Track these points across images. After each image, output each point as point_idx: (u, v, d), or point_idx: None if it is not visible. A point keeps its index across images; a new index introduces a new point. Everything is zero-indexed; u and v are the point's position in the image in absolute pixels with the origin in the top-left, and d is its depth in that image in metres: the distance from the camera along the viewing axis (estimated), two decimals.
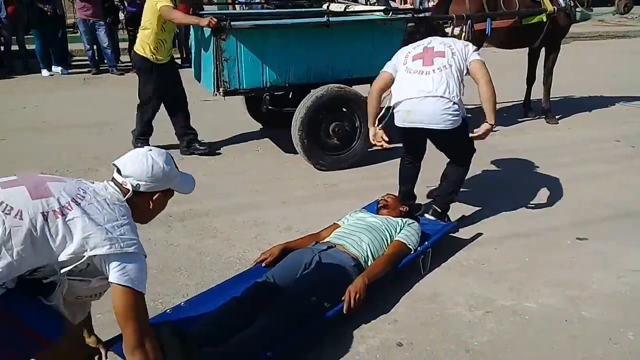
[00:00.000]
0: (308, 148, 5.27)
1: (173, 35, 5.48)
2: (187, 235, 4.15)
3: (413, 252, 3.51)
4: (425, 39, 4.12)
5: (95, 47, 10.43)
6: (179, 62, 9.98)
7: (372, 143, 4.27)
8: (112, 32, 10.58)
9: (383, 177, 5.10)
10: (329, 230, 3.66)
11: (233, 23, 4.85)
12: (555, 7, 6.48)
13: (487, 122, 3.89)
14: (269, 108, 5.36)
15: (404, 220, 3.68)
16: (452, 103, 3.80)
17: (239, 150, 6.03)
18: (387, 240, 3.50)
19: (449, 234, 4.00)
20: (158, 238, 4.04)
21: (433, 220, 4.06)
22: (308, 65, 5.23)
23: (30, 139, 6.38)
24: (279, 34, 5.08)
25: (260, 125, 6.64)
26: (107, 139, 6.35)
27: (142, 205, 2.28)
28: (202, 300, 3.09)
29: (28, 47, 10.32)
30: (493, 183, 5.07)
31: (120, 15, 11.20)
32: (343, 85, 5.29)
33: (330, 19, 5.18)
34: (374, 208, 4.05)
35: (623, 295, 3.41)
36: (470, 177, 4.55)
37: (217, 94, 5.15)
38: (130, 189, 2.22)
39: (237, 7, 10.49)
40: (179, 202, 4.55)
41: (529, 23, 6.39)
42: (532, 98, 7.43)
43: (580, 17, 7.02)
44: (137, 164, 2.23)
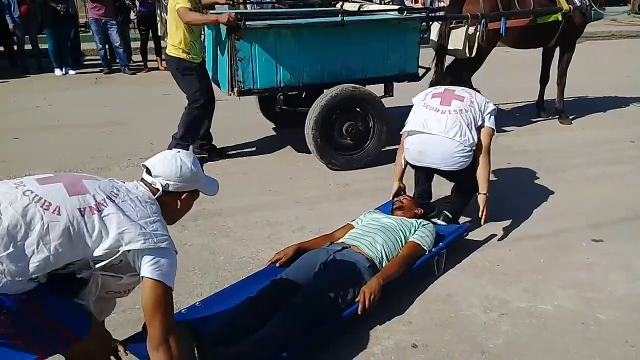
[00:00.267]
0: (321, 147, 5.27)
1: (202, 35, 5.30)
2: (200, 235, 4.16)
3: (427, 253, 3.50)
4: (447, 86, 4.23)
5: (107, 46, 10.47)
6: None
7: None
8: (123, 31, 10.62)
9: None
10: (343, 231, 3.66)
11: (248, 23, 4.85)
12: (571, 5, 6.43)
13: (481, 192, 3.92)
14: (283, 108, 5.36)
15: (419, 221, 3.67)
16: (463, 146, 3.86)
17: (252, 150, 6.04)
18: (401, 241, 3.49)
19: (463, 235, 3.98)
20: (172, 237, 4.03)
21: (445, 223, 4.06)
22: (322, 65, 5.22)
23: (44, 138, 6.42)
24: (294, 34, 5.07)
25: (273, 125, 6.64)
26: (119, 139, 6.38)
27: (170, 205, 2.34)
28: (216, 300, 3.09)
29: (41, 46, 10.38)
30: (507, 184, 5.04)
31: (131, 15, 11.23)
32: (357, 85, 5.27)
33: (345, 19, 5.17)
34: (388, 208, 4.05)
35: (639, 298, 3.39)
36: None
37: (231, 94, 5.16)
38: (160, 189, 2.28)
39: (248, 6, 10.51)
40: None
41: (544, 22, 6.35)
42: (545, 98, 7.37)
43: (593, 16, 6.96)
44: (166, 165, 2.31)
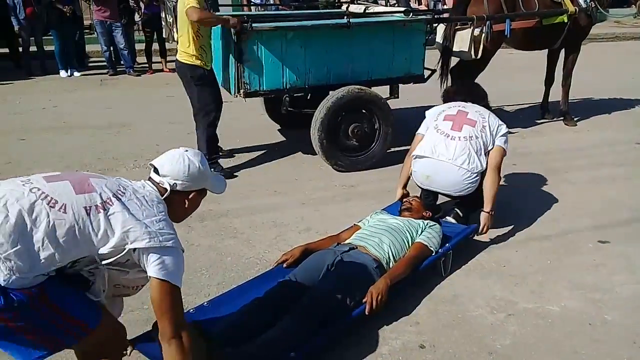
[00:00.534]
0: (327, 149, 5.28)
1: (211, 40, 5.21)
2: (207, 236, 4.18)
3: (434, 254, 3.51)
4: (462, 103, 4.22)
5: (112, 48, 10.49)
6: None
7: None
8: (128, 33, 10.64)
9: None
10: (350, 232, 3.67)
11: (254, 25, 4.86)
12: (577, 7, 6.43)
13: (484, 210, 3.93)
14: (288, 109, 5.37)
15: (425, 222, 3.68)
16: (470, 173, 3.90)
17: (258, 152, 6.05)
18: (408, 242, 3.49)
19: (470, 237, 3.98)
20: (179, 237, 4.05)
21: (454, 223, 4.06)
22: (328, 67, 5.24)
23: (50, 139, 6.44)
24: (300, 36, 5.08)
25: (278, 127, 6.66)
26: (125, 140, 6.40)
27: (178, 204, 2.35)
28: (224, 301, 3.11)
29: (46, 48, 10.41)
30: (512, 185, 5.04)
31: (136, 17, 11.26)
32: (363, 87, 5.29)
33: (351, 21, 5.18)
34: (394, 209, 4.06)
35: None
36: None
37: (237, 96, 5.17)
38: (168, 188, 2.29)
39: (252, 8, 10.54)
40: None
41: (550, 24, 6.35)
42: (549, 100, 7.37)
43: (599, 18, 6.97)
44: (174, 164, 2.31)
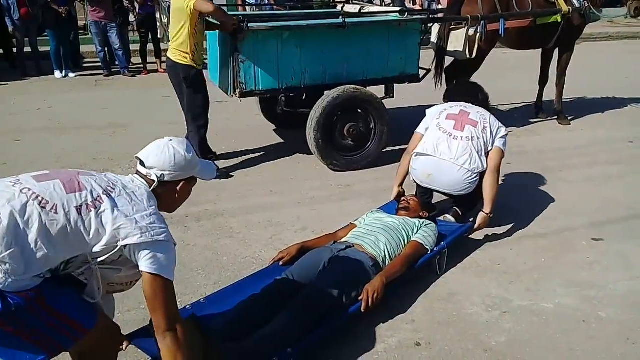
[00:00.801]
0: (322, 148, 5.29)
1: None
2: (203, 235, 4.19)
3: (430, 252, 3.53)
4: (463, 103, 4.26)
5: (107, 49, 10.48)
6: None
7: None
8: (123, 34, 10.64)
9: None
10: (346, 230, 3.68)
11: (250, 25, 4.87)
12: (570, 7, 6.47)
13: (483, 211, 3.96)
14: (284, 109, 5.38)
15: (421, 221, 3.70)
16: (471, 173, 3.94)
17: (253, 151, 6.05)
18: (404, 241, 3.51)
19: (465, 235, 4.01)
20: (175, 238, 4.02)
21: (449, 222, 4.08)
22: (323, 67, 5.24)
23: (45, 140, 6.43)
24: (295, 36, 5.09)
25: (274, 127, 6.67)
26: (120, 141, 6.40)
27: (168, 195, 2.33)
28: (221, 297, 3.12)
29: (40, 49, 10.39)
30: (507, 184, 5.06)
31: (131, 17, 11.25)
32: (358, 87, 5.30)
33: (346, 20, 5.19)
34: (390, 208, 4.07)
35: (639, 296, 3.42)
36: None
37: (233, 96, 5.18)
38: (155, 180, 2.27)
39: (247, 9, 10.54)
40: (195, 202, 4.61)
41: (543, 23, 6.38)
42: (543, 99, 7.40)
43: (592, 18, 7.00)
44: (159, 155, 2.28)
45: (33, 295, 1.92)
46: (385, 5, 6.00)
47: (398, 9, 5.64)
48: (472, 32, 5.97)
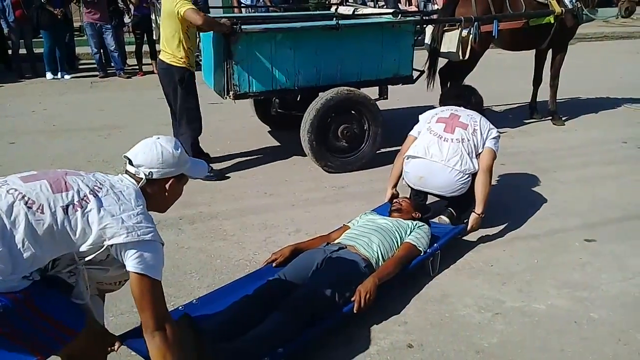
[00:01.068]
0: (316, 150, 5.30)
1: (197, 40, 5.20)
2: (197, 238, 4.19)
3: (423, 254, 3.54)
4: (455, 107, 4.29)
5: (102, 50, 10.48)
6: None
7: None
8: (118, 35, 10.63)
9: None
10: (340, 232, 3.69)
11: (244, 27, 4.88)
12: (563, 8, 6.48)
13: (475, 211, 3.97)
14: (278, 111, 5.39)
15: (414, 223, 3.71)
16: (462, 174, 3.96)
17: (247, 153, 6.06)
18: (397, 242, 3.52)
19: (458, 236, 4.02)
20: (169, 241, 4.03)
21: (442, 224, 4.10)
22: (317, 68, 5.25)
23: (40, 143, 6.43)
24: (289, 38, 5.10)
25: (268, 128, 6.68)
26: (115, 142, 6.39)
27: (157, 194, 2.32)
28: (213, 298, 3.12)
29: (35, 50, 10.38)
30: (500, 185, 5.08)
31: (125, 19, 11.25)
32: (352, 88, 5.30)
33: (340, 22, 5.20)
34: (384, 210, 4.08)
35: (632, 297, 3.43)
36: None
37: (227, 98, 5.18)
38: (144, 177, 2.26)
39: (242, 10, 10.55)
40: (189, 204, 4.63)
41: (536, 25, 6.40)
42: (538, 99, 7.41)
43: (586, 18, 7.02)
44: (147, 153, 2.28)
45: (21, 297, 1.92)
46: (379, 7, 5.99)
47: (391, 11, 5.65)
48: (465, 33, 5.98)
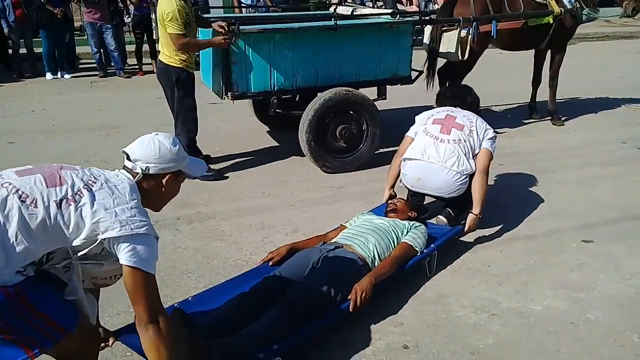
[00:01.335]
0: (315, 150, 5.30)
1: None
2: (194, 238, 4.19)
3: (419, 254, 3.54)
4: (450, 108, 4.29)
5: (102, 50, 10.49)
6: None
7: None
8: (118, 35, 10.64)
9: None
10: (336, 232, 3.69)
11: (241, 27, 4.88)
12: (562, 8, 6.47)
13: (472, 212, 3.97)
14: (277, 111, 5.39)
15: (411, 223, 3.71)
16: (460, 175, 3.96)
17: (246, 153, 6.06)
18: (393, 242, 3.52)
19: (455, 237, 4.02)
20: (166, 241, 4.07)
21: (441, 224, 4.10)
22: (315, 69, 5.25)
23: (39, 142, 6.43)
24: (287, 38, 5.10)
25: (267, 128, 6.68)
26: (114, 142, 6.38)
27: (154, 189, 2.32)
28: (209, 296, 3.13)
29: (36, 50, 10.39)
30: (498, 185, 5.08)
31: (125, 18, 11.26)
32: (350, 89, 5.30)
33: (338, 23, 5.20)
34: (381, 210, 4.08)
35: (628, 298, 3.43)
36: None
37: (225, 98, 5.18)
38: (140, 172, 2.27)
39: (243, 10, 10.55)
40: (187, 204, 4.64)
41: (535, 25, 6.39)
42: (537, 100, 7.41)
43: (587, 18, 7.01)
44: (144, 147, 2.29)
45: (13, 292, 1.92)
46: (378, 7, 5.97)
47: (390, 11, 5.64)
48: (464, 33, 5.98)
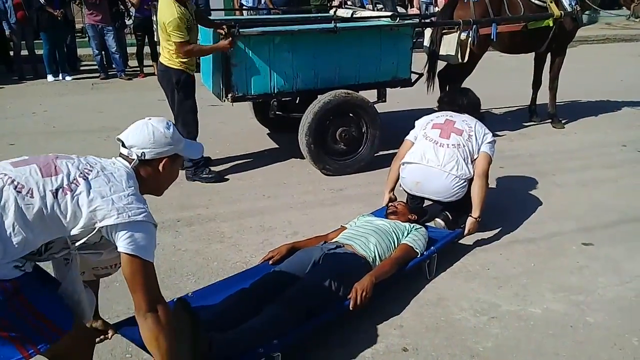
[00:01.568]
0: (315, 153, 5.30)
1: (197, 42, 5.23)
2: (194, 240, 4.20)
3: (419, 255, 3.54)
4: (450, 112, 4.30)
5: (104, 52, 10.50)
6: None
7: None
8: (120, 37, 10.66)
9: None
10: (337, 232, 3.70)
11: (241, 30, 4.89)
12: (562, 11, 6.48)
13: (472, 215, 3.97)
14: (277, 113, 5.40)
15: (412, 225, 3.72)
16: (458, 179, 3.96)
17: (247, 155, 6.07)
18: (394, 243, 3.53)
19: (455, 240, 4.02)
20: (166, 243, 4.08)
21: (440, 228, 4.10)
22: (315, 71, 5.25)
23: (40, 144, 6.43)
24: (287, 40, 5.11)
25: (267, 130, 6.68)
26: (114, 144, 6.26)
27: (152, 176, 2.30)
28: (209, 292, 3.14)
29: (37, 52, 10.41)
30: (499, 188, 5.08)
31: (127, 20, 11.28)
32: (350, 91, 5.31)
33: (338, 25, 5.20)
34: (382, 213, 4.09)
35: (628, 301, 3.43)
36: None
37: (225, 100, 5.18)
38: (136, 158, 2.25)
39: (244, 12, 10.56)
40: (187, 206, 4.65)
41: (535, 28, 6.40)
42: (537, 102, 7.41)
43: (588, 20, 7.01)
44: (138, 133, 2.27)
45: (11, 289, 1.92)
46: (378, 10, 5.97)
47: (390, 14, 5.64)
48: (464, 36, 5.99)
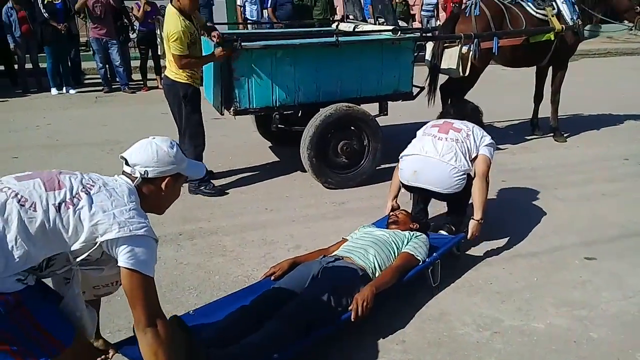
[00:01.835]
0: (317, 167, 5.31)
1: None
2: (196, 254, 4.19)
3: (421, 262, 3.52)
4: (451, 120, 4.31)
5: (108, 65, 10.55)
6: None
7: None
8: (124, 51, 10.71)
9: None
10: (338, 245, 3.69)
11: (244, 44, 4.92)
12: (563, 25, 6.50)
13: (473, 218, 3.96)
14: (279, 126, 5.41)
15: (412, 233, 3.70)
16: (457, 170, 3.96)
17: (249, 169, 6.07)
18: (394, 253, 3.52)
19: (457, 253, 4.02)
20: (168, 257, 4.07)
21: (443, 235, 4.09)
22: (317, 85, 5.27)
23: (43, 157, 6.46)
24: (289, 54, 5.13)
25: (269, 143, 6.70)
26: (117, 158, 6.30)
27: (154, 193, 2.33)
28: (210, 310, 3.14)
29: (41, 65, 10.46)
30: (501, 201, 5.07)
31: (131, 34, 11.34)
32: (352, 104, 5.32)
33: (340, 39, 5.23)
34: (383, 223, 4.08)
35: (632, 316, 3.41)
36: None
37: (224, 113, 5.19)
38: (139, 176, 2.27)
39: (248, 27, 10.62)
40: (189, 220, 4.64)
41: (537, 41, 6.41)
42: (539, 116, 7.42)
43: (589, 35, 7.02)
44: (142, 152, 2.30)
45: (13, 302, 1.92)
46: (380, 24, 5.99)
47: (391, 28, 5.67)
48: (465, 50, 6.01)
